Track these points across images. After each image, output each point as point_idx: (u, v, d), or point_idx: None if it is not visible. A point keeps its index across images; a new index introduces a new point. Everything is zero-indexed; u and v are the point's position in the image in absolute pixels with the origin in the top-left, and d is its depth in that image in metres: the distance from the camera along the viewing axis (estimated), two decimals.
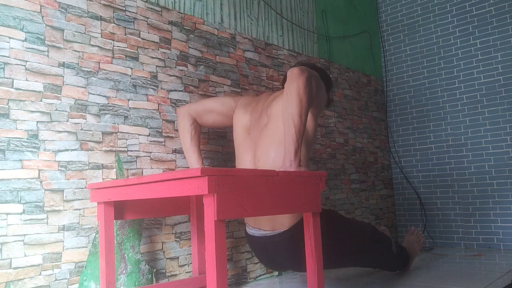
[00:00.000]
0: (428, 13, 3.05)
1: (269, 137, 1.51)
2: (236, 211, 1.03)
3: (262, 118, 1.58)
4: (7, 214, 1.30)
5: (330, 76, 1.76)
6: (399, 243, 2.09)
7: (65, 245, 1.42)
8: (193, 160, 1.68)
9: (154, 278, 1.64)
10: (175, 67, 1.83)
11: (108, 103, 1.59)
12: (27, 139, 1.37)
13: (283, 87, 1.67)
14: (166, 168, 1.73)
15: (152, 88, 1.73)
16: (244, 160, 1.59)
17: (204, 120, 1.72)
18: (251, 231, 1.61)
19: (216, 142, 1.95)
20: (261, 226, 1.56)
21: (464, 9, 2.89)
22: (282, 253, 1.54)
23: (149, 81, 1.73)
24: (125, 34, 1.67)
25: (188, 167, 1.79)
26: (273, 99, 1.59)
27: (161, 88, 1.77)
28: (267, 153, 1.50)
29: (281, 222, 1.50)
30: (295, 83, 1.31)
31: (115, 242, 1.53)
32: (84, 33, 1.55)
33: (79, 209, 1.46)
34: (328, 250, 1.36)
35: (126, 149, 1.62)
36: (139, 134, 1.67)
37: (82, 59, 1.54)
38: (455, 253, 2.59)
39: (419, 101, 3.06)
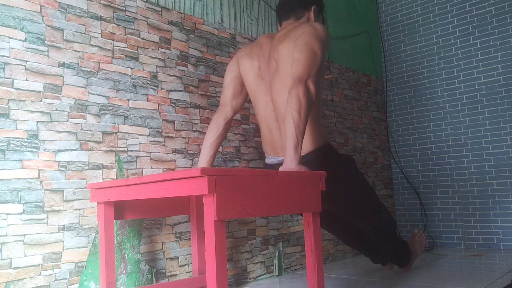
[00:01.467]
0: (428, 13, 3.05)
1: (281, 81, 1.57)
2: (236, 211, 1.03)
3: (271, 63, 1.63)
4: (7, 214, 1.30)
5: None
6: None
7: (65, 245, 1.42)
8: (204, 159, 1.68)
9: (154, 278, 1.64)
10: (175, 67, 1.83)
11: (108, 103, 1.59)
12: (27, 139, 1.37)
13: (278, 21, 1.77)
14: (166, 168, 1.73)
15: (152, 88, 1.73)
16: (262, 102, 1.65)
17: (239, 101, 1.74)
18: (270, 160, 1.67)
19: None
20: (280, 153, 1.63)
21: (464, 9, 2.89)
22: None
23: (149, 81, 1.73)
24: (125, 34, 1.67)
25: (188, 167, 1.79)
26: (278, 43, 1.62)
27: (161, 88, 1.77)
28: (283, 96, 1.55)
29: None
30: (295, 88, 1.39)
31: (115, 242, 1.53)
32: (84, 33, 1.55)
33: (79, 209, 1.46)
34: (336, 192, 1.37)
35: (126, 149, 1.62)
36: (139, 134, 1.67)
37: (82, 59, 1.54)
38: (455, 253, 2.59)
39: (419, 101, 3.06)
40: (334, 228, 1.95)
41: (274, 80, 1.60)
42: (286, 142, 1.34)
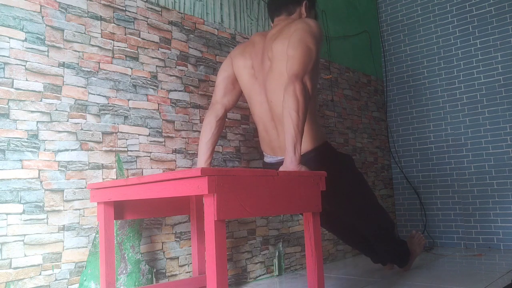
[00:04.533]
0: (428, 13, 3.05)
1: (275, 81, 1.55)
2: (236, 211, 1.03)
3: (265, 62, 1.61)
4: (7, 214, 1.30)
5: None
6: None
7: (65, 245, 1.42)
8: (203, 158, 1.67)
9: (154, 278, 1.64)
10: (175, 67, 1.83)
11: (108, 103, 1.59)
12: (27, 139, 1.37)
13: (270, 17, 1.74)
14: (166, 168, 1.73)
15: (152, 88, 1.73)
16: (258, 102, 1.63)
17: (231, 100, 1.72)
18: (268, 159, 1.67)
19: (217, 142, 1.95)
20: (278, 153, 1.62)
21: (464, 9, 2.89)
22: None
23: (149, 81, 1.73)
24: (125, 34, 1.67)
25: (188, 167, 1.79)
26: (271, 41, 1.60)
27: (161, 88, 1.77)
28: (277, 96, 1.54)
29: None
30: (291, 85, 1.37)
31: (115, 242, 1.53)
32: (84, 33, 1.55)
33: (79, 209, 1.46)
34: (334, 192, 1.37)
35: (126, 149, 1.62)
36: (139, 134, 1.67)
37: (82, 59, 1.54)
38: (455, 253, 2.59)
39: (419, 101, 3.06)
40: (334, 227, 1.95)
41: (269, 79, 1.59)
42: (285, 142, 1.34)
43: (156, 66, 1.76)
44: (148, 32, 1.75)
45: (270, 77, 1.58)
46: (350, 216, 1.76)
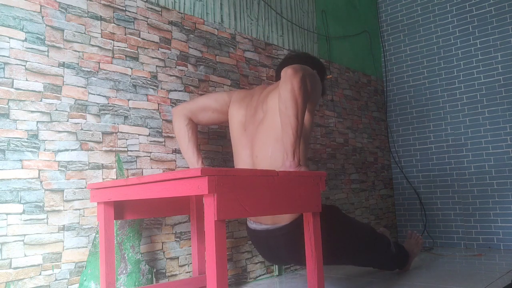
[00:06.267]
0: (428, 13, 3.05)
1: (265, 133, 1.51)
2: (236, 211, 1.04)
3: (258, 114, 1.58)
4: (7, 214, 1.30)
5: (323, 64, 1.77)
6: (398, 242, 2.09)
7: (65, 245, 1.42)
8: (193, 160, 1.67)
9: (154, 278, 1.64)
10: (175, 67, 1.83)
11: (108, 103, 1.59)
12: (27, 139, 1.37)
13: (276, 80, 1.69)
14: (166, 168, 1.73)
15: (152, 88, 1.73)
16: (242, 156, 1.59)
17: (200, 118, 1.71)
18: (252, 225, 1.61)
19: (216, 142, 1.95)
20: (262, 220, 1.57)
21: (464, 9, 2.89)
22: (283, 247, 1.55)
23: (149, 81, 1.73)
24: (125, 34, 1.67)
25: (188, 167, 1.79)
26: (267, 94, 1.58)
27: (161, 88, 1.77)
28: (264, 150, 1.50)
29: (282, 216, 1.51)
30: (289, 84, 1.29)
31: (115, 242, 1.53)
32: (84, 33, 1.55)
33: (79, 209, 1.46)
34: (327, 246, 1.36)
35: (126, 149, 1.62)
36: (139, 134, 1.67)
37: (82, 59, 1.54)
38: (455, 253, 2.59)
39: (419, 101, 3.06)
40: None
41: (258, 131, 1.53)
42: (284, 147, 1.33)
43: (156, 66, 1.76)
44: (148, 32, 1.75)
45: (260, 129, 1.53)
46: (349, 260, 1.78)
